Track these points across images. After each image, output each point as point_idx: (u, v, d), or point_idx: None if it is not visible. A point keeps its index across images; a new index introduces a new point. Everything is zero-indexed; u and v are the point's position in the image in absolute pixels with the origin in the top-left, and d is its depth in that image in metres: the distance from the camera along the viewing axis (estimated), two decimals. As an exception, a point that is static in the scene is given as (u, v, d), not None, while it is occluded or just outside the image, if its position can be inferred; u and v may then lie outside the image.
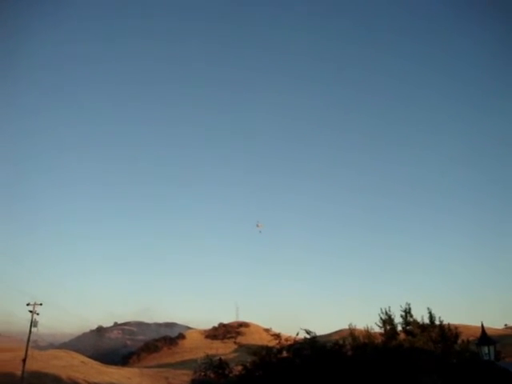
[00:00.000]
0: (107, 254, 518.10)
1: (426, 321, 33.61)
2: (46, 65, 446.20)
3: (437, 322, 33.29)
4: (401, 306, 33.76)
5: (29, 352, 63.52)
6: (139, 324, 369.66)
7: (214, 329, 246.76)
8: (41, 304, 65.92)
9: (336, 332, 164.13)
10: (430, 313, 33.78)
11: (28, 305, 65.17)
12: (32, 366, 73.68)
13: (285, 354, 30.57)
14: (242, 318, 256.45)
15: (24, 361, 61.92)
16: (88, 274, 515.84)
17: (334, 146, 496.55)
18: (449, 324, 33.67)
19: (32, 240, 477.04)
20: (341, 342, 32.15)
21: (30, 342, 64.32)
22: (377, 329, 34.25)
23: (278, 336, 32.00)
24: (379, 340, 32.29)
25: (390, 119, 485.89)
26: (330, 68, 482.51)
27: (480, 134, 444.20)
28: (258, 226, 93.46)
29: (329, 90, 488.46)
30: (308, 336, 31.58)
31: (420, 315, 33.82)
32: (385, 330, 33.03)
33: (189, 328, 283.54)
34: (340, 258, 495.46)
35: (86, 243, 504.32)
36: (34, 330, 63.89)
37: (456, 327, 33.93)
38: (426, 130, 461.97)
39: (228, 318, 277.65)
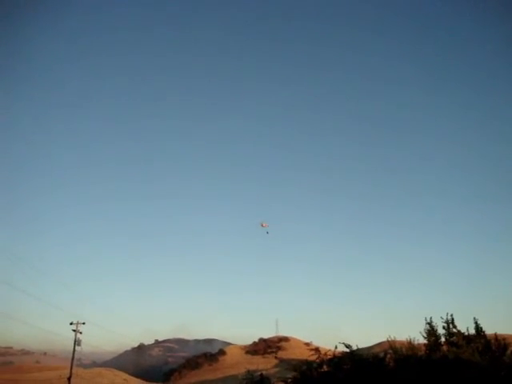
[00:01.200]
0: (146, 273, 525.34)
1: (472, 331, 32.37)
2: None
3: (484, 333, 32.01)
4: (442, 318, 32.64)
5: (73, 370, 64.90)
6: (179, 341, 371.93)
7: (255, 344, 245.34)
8: (83, 323, 67.41)
9: (377, 344, 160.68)
10: (476, 323, 32.52)
11: (71, 324, 66.75)
12: (77, 384, 75.21)
13: (325, 368, 30.16)
14: (282, 333, 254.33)
15: (69, 379, 63.25)
16: (127, 292, 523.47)
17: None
18: (496, 334, 32.36)
19: (71, 260, 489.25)
20: (382, 354, 31.45)
21: (74, 361, 65.68)
22: (419, 340, 33.24)
23: (317, 350, 31.67)
24: (422, 352, 31.32)
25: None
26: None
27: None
28: (262, 225, 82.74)
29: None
30: (347, 349, 31.06)
31: (464, 326, 32.67)
32: (429, 341, 31.99)
33: (228, 344, 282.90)
34: (377, 270, 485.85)
35: (124, 262, 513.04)
36: (77, 348, 65.28)
37: (504, 338, 32.56)
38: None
39: (268, 333, 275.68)
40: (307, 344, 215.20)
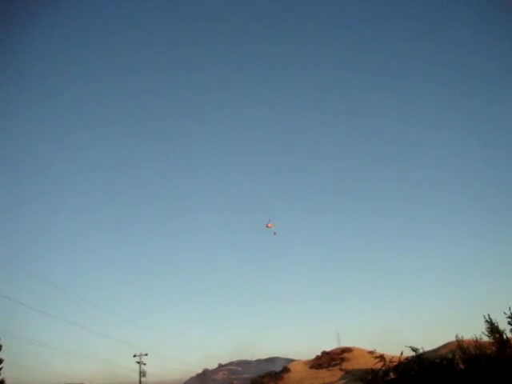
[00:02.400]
0: (202, 298, 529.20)
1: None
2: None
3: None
4: (505, 313, 31.31)
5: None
6: (241, 362, 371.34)
7: (318, 358, 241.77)
8: (146, 354, 68.95)
9: (443, 346, 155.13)
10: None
11: (135, 356, 68.38)
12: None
13: (392, 375, 29.62)
14: (344, 343, 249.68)
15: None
16: (186, 319, 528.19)
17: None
18: None
19: (130, 290, 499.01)
20: (450, 355, 30.58)
21: (140, 392, 67.11)
22: (482, 338, 32.04)
23: (382, 357, 31.08)
24: (490, 350, 30.24)
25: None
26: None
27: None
28: (268, 226, 77.25)
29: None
30: (414, 353, 30.39)
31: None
32: (494, 338, 30.84)
33: (290, 360, 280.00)
34: (430, 270, 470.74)
35: (179, 289, 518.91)
36: (143, 379, 66.75)
37: None
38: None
39: (330, 345, 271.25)
40: (371, 352, 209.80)
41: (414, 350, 30.39)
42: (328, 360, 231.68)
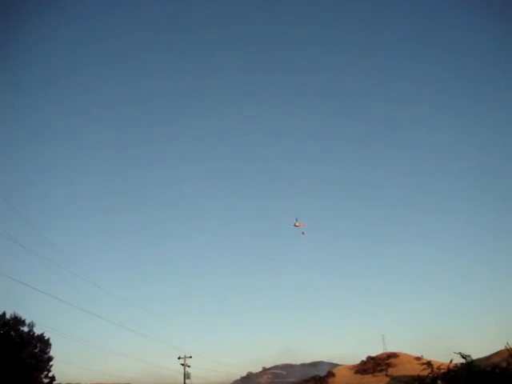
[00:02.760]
0: (246, 300, 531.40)
1: None
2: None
3: None
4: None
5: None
6: (285, 366, 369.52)
7: (363, 363, 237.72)
8: (190, 357, 69.68)
9: (496, 353, 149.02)
10: None
11: (179, 358, 69.21)
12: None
13: (439, 383, 28.52)
14: (390, 348, 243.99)
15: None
16: (230, 321, 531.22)
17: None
18: None
19: (174, 293, 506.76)
20: (504, 364, 29.09)
21: (185, 394, 67.87)
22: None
23: (429, 364, 29.98)
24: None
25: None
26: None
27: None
28: (295, 225, 74.78)
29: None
30: (463, 360, 29.08)
31: None
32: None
33: (335, 365, 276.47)
34: (479, 272, 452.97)
35: (224, 290, 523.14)
36: (187, 382, 67.53)
37: None
38: None
39: (375, 350, 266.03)
40: (418, 358, 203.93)
41: (463, 356, 29.03)
42: (373, 365, 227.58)
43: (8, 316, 50.85)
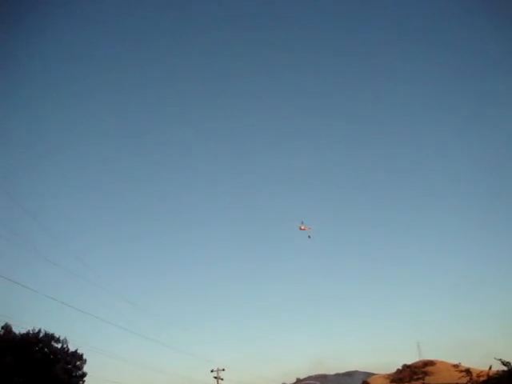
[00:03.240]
0: (276, 311, 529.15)
1: None
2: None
3: None
4: None
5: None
6: (319, 376, 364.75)
7: (398, 371, 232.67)
8: (223, 369, 69.30)
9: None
10: None
11: (212, 371, 68.92)
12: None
13: (480, 391, 27.40)
14: (426, 356, 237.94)
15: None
16: (262, 333, 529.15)
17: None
18: None
19: (205, 305, 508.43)
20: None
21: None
22: None
23: (468, 372, 28.90)
24: None
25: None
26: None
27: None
28: (301, 228, 70.61)
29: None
30: (504, 368, 27.87)
31: None
32: None
33: (370, 374, 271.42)
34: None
35: (255, 301, 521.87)
36: (221, 394, 67.12)
37: None
38: None
39: (410, 358, 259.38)
40: (456, 366, 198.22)
41: (504, 363, 27.84)
42: (409, 374, 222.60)
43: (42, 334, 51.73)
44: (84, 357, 55.24)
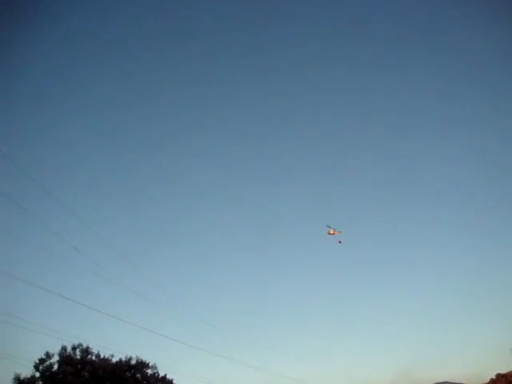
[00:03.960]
0: (357, 320, 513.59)
1: None
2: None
3: None
4: None
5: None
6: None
7: (493, 381, 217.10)
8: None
9: None
10: None
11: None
12: None
13: None
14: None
15: None
16: (336, 344, 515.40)
17: None
18: None
19: (279, 320, 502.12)
20: None
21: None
22: None
23: None
24: None
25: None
26: None
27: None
28: (329, 233, 63.06)
29: None
30: None
31: None
32: None
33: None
34: None
35: (325, 312, 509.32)
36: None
37: None
38: None
39: (503, 367, 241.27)
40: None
41: None
42: (505, 383, 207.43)
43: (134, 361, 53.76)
44: (174, 382, 56.82)
